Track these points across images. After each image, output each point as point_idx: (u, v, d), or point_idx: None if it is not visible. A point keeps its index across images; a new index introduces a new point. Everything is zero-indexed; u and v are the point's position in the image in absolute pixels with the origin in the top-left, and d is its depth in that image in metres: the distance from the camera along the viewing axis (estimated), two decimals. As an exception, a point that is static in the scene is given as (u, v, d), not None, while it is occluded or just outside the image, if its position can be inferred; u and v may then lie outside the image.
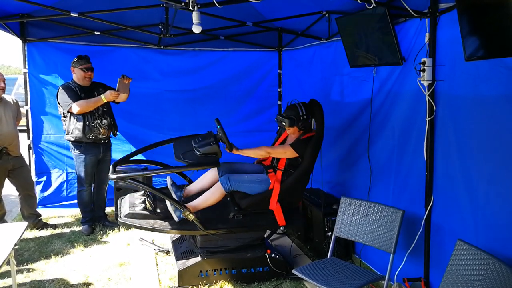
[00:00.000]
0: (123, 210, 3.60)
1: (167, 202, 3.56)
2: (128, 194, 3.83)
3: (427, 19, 3.06)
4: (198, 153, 3.44)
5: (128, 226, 3.55)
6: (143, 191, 3.81)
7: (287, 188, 3.73)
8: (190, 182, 4.10)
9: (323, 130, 3.80)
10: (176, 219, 3.55)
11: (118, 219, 3.54)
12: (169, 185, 3.79)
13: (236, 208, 3.74)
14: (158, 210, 3.69)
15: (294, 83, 5.85)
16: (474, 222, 2.77)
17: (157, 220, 3.59)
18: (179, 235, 4.22)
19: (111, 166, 3.44)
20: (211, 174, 3.98)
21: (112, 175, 3.34)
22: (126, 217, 3.52)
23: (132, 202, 3.71)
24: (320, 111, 3.84)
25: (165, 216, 3.63)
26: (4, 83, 4.50)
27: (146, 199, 3.68)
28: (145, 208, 3.64)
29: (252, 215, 3.77)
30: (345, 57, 3.95)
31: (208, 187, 3.85)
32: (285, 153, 3.77)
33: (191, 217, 3.44)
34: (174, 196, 3.72)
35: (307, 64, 5.37)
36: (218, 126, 3.56)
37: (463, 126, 2.86)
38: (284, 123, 3.80)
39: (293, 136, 3.91)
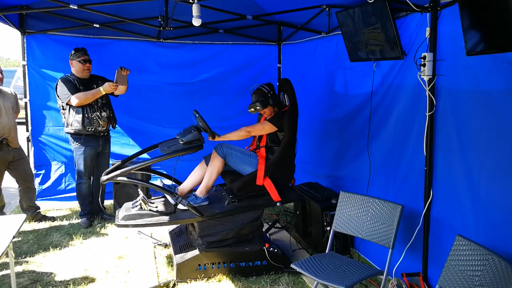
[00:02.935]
0: (120, 215, 3.65)
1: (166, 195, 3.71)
2: (124, 204, 3.90)
3: (428, 13, 3.05)
4: (181, 142, 3.54)
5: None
6: (136, 199, 3.87)
7: (274, 162, 3.77)
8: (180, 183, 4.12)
9: (296, 102, 3.90)
10: (171, 201, 3.71)
11: (115, 224, 3.60)
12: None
13: (230, 196, 3.78)
14: (154, 208, 3.74)
15: (294, 77, 5.80)
16: (474, 218, 2.76)
17: (153, 217, 3.63)
18: (177, 229, 4.23)
19: (104, 172, 3.60)
20: (200, 168, 4.02)
21: (103, 178, 3.52)
22: (123, 220, 3.57)
23: (128, 207, 3.78)
24: (290, 85, 3.97)
25: (161, 211, 3.69)
26: (2, 74, 4.48)
27: (140, 200, 3.73)
28: (140, 209, 3.70)
29: (247, 198, 3.79)
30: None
31: (200, 181, 3.92)
32: (264, 128, 3.88)
33: (185, 203, 3.57)
34: (169, 197, 3.77)
35: (307, 58, 5.35)
36: (197, 115, 3.67)
37: (464, 121, 2.85)
38: (258, 107, 3.91)
39: (270, 117, 4.00)
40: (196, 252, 3.65)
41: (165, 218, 3.59)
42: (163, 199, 3.92)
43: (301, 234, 4.62)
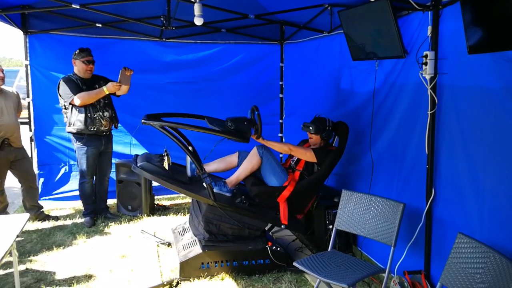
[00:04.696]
0: (139, 161, 3.69)
1: (187, 158, 3.82)
2: (146, 153, 3.95)
3: (429, 12, 3.05)
4: (231, 128, 3.60)
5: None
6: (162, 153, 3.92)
7: (299, 189, 3.87)
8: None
9: (344, 148, 4.01)
10: (188, 173, 3.83)
11: (132, 168, 3.68)
12: (187, 159, 3.95)
13: (242, 196, 3.82)
14: (174, 171, 3.77)
15: (297, 76, 5.83)
16: (479, 216, 2.76)
17: (168, 178, 3.68)
18: (180, 228, 4.24)
19: (146, 115, 3.52)
20: (231, 159, 4.15)
21: (143, 120, 3.45)
22: (140, 168, 3.62)
23: (149, 157, 3.84)
24: (346, 130, 4.06)
25: (178, 178, 3.75)
26: (3, 73, 4.49)
27: (165, 155, 3.77)
28: (162, 165, 3.72)
29: (257, 206, 3.82)
30: (350, 50, 3.94)
31: (223, 169, 4.09)
32: (305, 154, 3.97)
33: (208, 181, 3.58)
34: (189, 169, 3.90)
35: (310, 57, 5.35)
36: (257, 112, 3.73)
37: (467, 119, 2.85)
38: (311, 128, 4.02)
39: (314, 147, 4.11)
40: (199, 250, 3.67)
41: (177, 185, 3.66)
42: (181, 168, 3.99)
43: (303, 233, 4.62)
